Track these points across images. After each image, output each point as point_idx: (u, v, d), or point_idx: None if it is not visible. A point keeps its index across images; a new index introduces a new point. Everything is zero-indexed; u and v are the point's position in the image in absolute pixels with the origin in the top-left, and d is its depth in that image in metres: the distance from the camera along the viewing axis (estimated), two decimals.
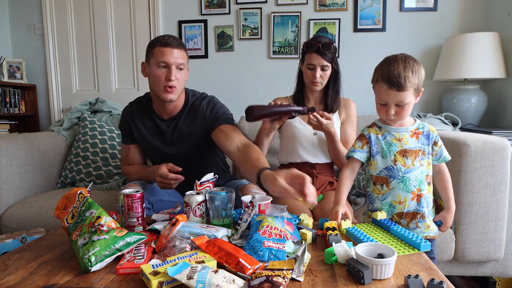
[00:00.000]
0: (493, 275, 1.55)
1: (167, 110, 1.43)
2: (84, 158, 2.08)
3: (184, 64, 1.34)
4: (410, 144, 1.09)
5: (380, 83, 1.05)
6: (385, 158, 1.11)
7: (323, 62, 1.44)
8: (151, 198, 1.37)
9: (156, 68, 1.32)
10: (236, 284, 0.70)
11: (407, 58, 1.05)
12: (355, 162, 1.16)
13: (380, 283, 0.75)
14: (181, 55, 1.33)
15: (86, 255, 0.81)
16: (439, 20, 2.31)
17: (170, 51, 1.30)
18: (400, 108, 1.06)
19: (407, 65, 1.03)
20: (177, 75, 1.32)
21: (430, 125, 1.14)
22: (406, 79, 1.01)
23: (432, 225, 1.12)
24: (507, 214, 1.43)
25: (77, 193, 0.98)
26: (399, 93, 1.03)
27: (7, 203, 1.78)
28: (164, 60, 1.30)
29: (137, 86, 2.63)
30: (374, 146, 1.13)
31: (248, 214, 1.01)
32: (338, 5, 2.37)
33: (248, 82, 2.51)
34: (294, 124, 1.56)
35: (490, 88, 2.23)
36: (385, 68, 1.04)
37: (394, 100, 1.05)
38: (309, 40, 1.49)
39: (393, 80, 1.02)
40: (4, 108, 2.49)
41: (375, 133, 1.15)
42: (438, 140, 1.13)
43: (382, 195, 1.12)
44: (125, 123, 1.51)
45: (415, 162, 1.08)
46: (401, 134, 1.11)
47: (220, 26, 2.48)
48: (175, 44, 1.31)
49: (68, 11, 2.63)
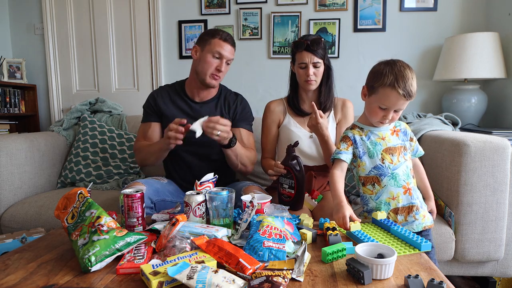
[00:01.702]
0: (493, 275, 1.55)
1: (201, 94, 1.58)
2: (84, 158, 2.08)
3: (231, 60, 1.53)
4: (393, 141, 1.14)
5: (390, 89, 1.04)
6: (372, 158, 1.14)
7: (314, 59, 1.43)
8: (154, 198, 1.38)
9: (211, 56, 1.47)
10: (236, 284, 0.70)
11: (408, 66, 1.07)
12: (342, 163, 1.16)
13: (380, 283, 0.75)
14: (233, 52, 1.52)
15: (86, 255, 0.81)
16: (439, 20, 2.31)
17: (227, 46, 1.48)
18: (396, 114, 1.10)
19: (413, 74, 1.06)
20: (224, 68, 1.50)
21: (405, 123, 1.21)
22: (414, 88, 1.05)
23: (427, 214, 1.16)
24: (507, 214, 1.43)
25: (77, 193, 0.98)
26: (406, 102, 1.06)
27: (7, 203, 1.78)
28: (221, 52, 1.46)
29: (137, 86, 2.63)
30: (359, 147, 1.15)
31: (248, 214, 1.01)
32: (338, 5, 2.37)
33: (248, 82, 2.51)
34: (290, 128, 1.56)
35: (490, 88, 2.23)
36: (398, 74, 1.04)
37: (397, 107, 1.07)
38: (297, 39, 1.48)
39: (408, 89, 1.04)
40: (4, 108, 2.49)
41: (359, 134, 1.17)
42: (413, 136, 1.21)
43: (375, 194, 1.13)
44: (154, 102, 1.58)
45: (400, 158, 1.13)
46: (383, 133, 1.15)
47: (220, 26, 2.48)
48: (231, 42, 1.50)
49: (68, 11, 2.63)
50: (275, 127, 1.60)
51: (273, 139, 1.60)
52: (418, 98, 2.35)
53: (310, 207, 1.42)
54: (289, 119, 1.57)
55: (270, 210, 1.10)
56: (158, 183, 1.46)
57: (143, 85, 2.62)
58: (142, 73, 2.61)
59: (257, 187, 1.49)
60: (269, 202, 1.14)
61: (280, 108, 1.60)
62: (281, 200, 1.32)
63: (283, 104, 1.61)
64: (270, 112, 1.60)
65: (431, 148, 1.60)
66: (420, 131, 1.76)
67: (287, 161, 1.27)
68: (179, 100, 1.58)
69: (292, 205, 1.27)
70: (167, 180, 1.55)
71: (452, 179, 1.42)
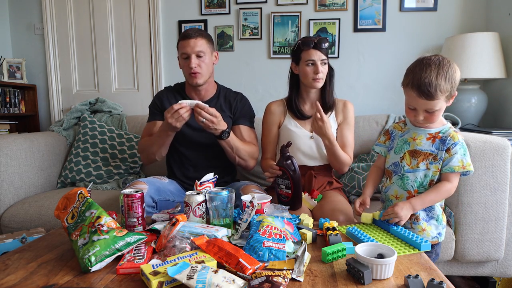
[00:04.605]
0: (493, 275, 1.55)
1: (199, 95, 1.59)
2: (84, 158, 2.08)
3: (202, 51, 1.47)
4: (422, 146, 1.08)
5: (410, 89, 1.01)
6: (396, 154, 1.14)
7: (322, 56, 1.44)
8: (156, 197, 1.39)
9: (182, 60, 1.50)
10: (236, 284, 0.70)
11: (441, 63, 0.98)
12: (379, 156, 1.23)
13: (380, 283, 0.75)
14: (199, 43, 1.46)
15: (86, 255, 0.81)
16: (439, 20, 2.31)
17: (188, 42, 1.45)
18: (430, 114, 1.02)
19: (440, 72, 0.97)
20: (197, 62, 1.46)
21: (455, 132, 1.06)
22: (437, 87, 0.96)
23: (430, 231, 1.09)
24: (507, 214, 1.43)
25: (77, 193, 0.98)
26: (429, 102, 0.99)
27: (7, 203, 1.78)
28: (184, 51, 1.46)
29: (137, 86, 2.63)
30: (393, 141, 1.17)
31: (248, 214, 1.01)
32: (338, 5, 2.37)
33: (248, 82, 2.51)
34: (290, 128, 1.56)
35: (490, 88, 2.23)
36: (417, 73, 0.99)
37: (423, 107, 1.01)
38: (302, 38, 1.48)
39: (423, 89, 0.97)
40: (4, 108, 2.49)
41: (399, 129, 1.18)
42: (453, 148, 1.03)
43: (385, 187, 1.18)
44: (160, 102, 1.61)
45: (421, 165, 1.07)
46: (417, 134, 1.10)
47: (220, 26, 2.48)
48: (192, 34, 1.45)
49: (68, 11, 2.63)
50: (276, 128, 1.60)
51: (274, 140, 1.60)
52: None
53: (310, 207, 1.42)
54: (290, 119, 1.57)
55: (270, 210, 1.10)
56: (159, 183, 1.47)
57: (143, 85, 2.62)
58: (142, 73, 2.61)
59: (255, 186, 1.49)
60: (269, 202, 1.14)
61: (281, 109, 1.60)
62: (280, 200, 1.32)
63: (283, 105, 1.61)
64: (270, 113, 1.60)
65: None
66: None
67: (281, 162, 1.28)
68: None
69: (291, 204, 1.27)
70: (168, 180, 1.56)
71: None
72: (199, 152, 1.58)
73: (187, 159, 1.60)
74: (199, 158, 1.59)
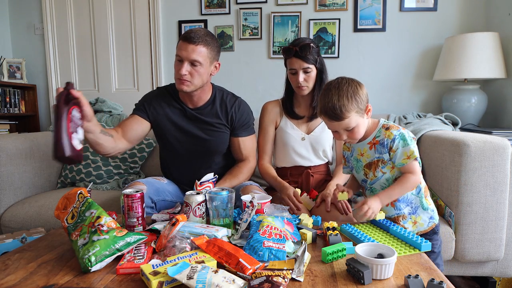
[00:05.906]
0: (493, 275, 1.55)
1: (191, 101, 1.47)
2: (84, 158, 2.08)
3: (198, 61, 1.31)
4: (370, 156, 1.11)
5: (322, 116, 1.07)
6: (358, 173, 1.17)
7: (304, 64, 1.40)
8: (155, 198, 1.38)
9: (176, 60, 1.35)
10: (236, 284, 0.70)
11: (340, 85, 1.03)
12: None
13: (380, 283, 0.75)
14: (198, 51, 1.30)
15: (86, 255, 0.81)
16: (439, 20, 2.31)
17: (186, 45, 1.30)
18: (350, 132, 1.06)
19: (340, 93, 1.01)
20: (189, 70, 1.32)
21: (387, 129, 1.07)
22: (342, 108, 1.00)
23: (421, 220, 1.11)
24: (507, 214, 1.43)
25: (77, 193, 0.98)
26: (342, 122, 1.03)
27: (7, 203, 1.78)
28: (179, 54, 1.32)
29: (137, 86, 2.63)
30: (349, 162, 1.22)
31: (248, 214, 1.01)
32: (338, 5, 2.37)
33: (248, 82, 2.51)
34: (285, 130, 1.55)
35: (490, 88, 2.23)
36: (321, 101, 1.05)
37: (341, 128, 1.05)
38: (284, 47, 1.46)
39: (330, 113, 1.02)
40: (4, 108, 2.49)
41: (347, 150, 1.22)
42: (393, 145, 1.05)
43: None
44: (148, 101, 1.49)
45: (377, 173, 1.10)
46: (361, 149, 1.14)
47: (220, 26, 2.48)
48: (194, 39, 1.30)
49: (68, 11, 2.63)
50: (272, 128, 1.60)
51: (270, 140, 1.60)
52: (418, 98, 2.35)
53: (308, 207, 1.42)
54: (286, 120, 1.57)
55: (270, 210, 1.10)
56: (158, 183, 1.46)
57: (143, 85, 2.62)
58: (142, 73, 2.61)
59: (255, 187, 1.49)
60: (269, 202, 1.14)
61: (277, 109, 1.60)
62: None
63: (279, 105, 1.61)
64: (267, 113, 1.60)
65: (431, 148, 1.60)
66: (420, 131, 1.76)
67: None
68: (175, 103, 1.49)
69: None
70: (167, 180, 1.55)
71: (452, 179, 1.42)
72: (195, 154, 1.53)
73: (183, 162, 1.55)
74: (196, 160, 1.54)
